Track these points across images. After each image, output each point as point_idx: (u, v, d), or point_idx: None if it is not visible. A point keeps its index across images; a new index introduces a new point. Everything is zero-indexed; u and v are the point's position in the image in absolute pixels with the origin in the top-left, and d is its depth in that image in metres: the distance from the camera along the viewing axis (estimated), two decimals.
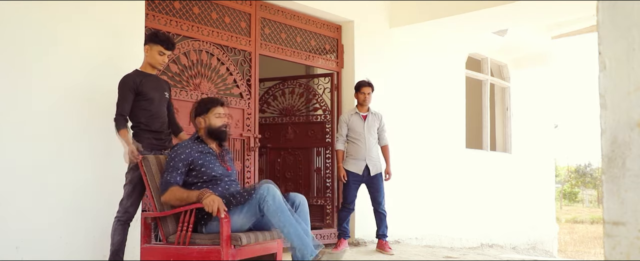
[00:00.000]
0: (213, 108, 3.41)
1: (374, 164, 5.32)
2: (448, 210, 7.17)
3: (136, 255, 3.86)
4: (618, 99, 1.11)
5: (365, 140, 5.32)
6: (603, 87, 1.13)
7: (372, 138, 5.36)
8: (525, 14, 6.16)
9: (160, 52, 3.62)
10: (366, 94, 5.35)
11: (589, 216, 21.05)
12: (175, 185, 3.22)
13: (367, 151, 5.31)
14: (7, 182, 3.53)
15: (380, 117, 5.47)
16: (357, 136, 5.33)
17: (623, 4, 1.12)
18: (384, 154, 5.45)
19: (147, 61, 3.65)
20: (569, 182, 30.75)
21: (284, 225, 3.06)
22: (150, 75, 3.65)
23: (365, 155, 5.30)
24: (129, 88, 3.52)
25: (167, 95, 3.74)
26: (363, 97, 5.35)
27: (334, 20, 5.98)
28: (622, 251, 1.09)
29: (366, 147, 5.31)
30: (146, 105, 3.57)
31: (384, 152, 5.45)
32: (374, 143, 5.38)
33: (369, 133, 5.34)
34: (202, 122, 3.41)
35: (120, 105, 3.51)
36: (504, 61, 8.73)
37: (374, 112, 5.44)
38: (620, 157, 1.10)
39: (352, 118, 5.39)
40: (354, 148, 5.35)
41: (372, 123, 5.40)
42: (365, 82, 5.38)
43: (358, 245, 5.74)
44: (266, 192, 3.08)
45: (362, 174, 5.29)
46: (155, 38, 3.62)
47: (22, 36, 3.65)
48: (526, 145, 8.98)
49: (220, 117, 3.42)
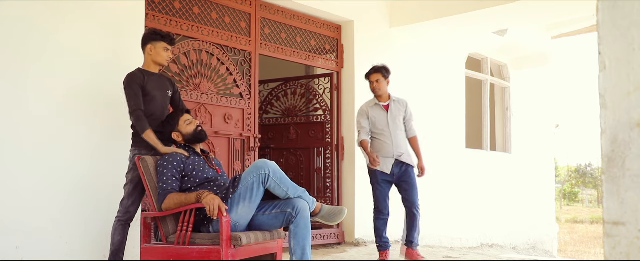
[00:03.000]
0: (180, 118, 3.53)
1: (404, 157, 4.60)
2: (448, 210, 7.16)
3: (136, 255, 3.86)
4: (618, 99, 1.11)
5: (391, 134, 4.59)
6: (603, 87, 1.13)
7: (399, 131, 4.62)
8: (525, 14, 6.16)
9: (165, 48, 3.62)
10: (375, 82, 4.63)
11: (589, 216, 21.05)
12: (172, 191, 3.23)
13: (395, 147, 4.56)
14: (7, 182, 3.53)
15: (406, 104, 4.73)
16: (380, 131, 4.61)
17: (623, 4, 1.12)
18: (414, 147, 4.71)
19: (151, 60, 3.63)
20: (569, 181, 30.75)
21: (288, 188, 3.25)
22: (153, 74, 3.64)
23: (393, 151, 4.56)
24: (137, 84, 3.50)
25: (170, 94, 3.73)
26: (372, 86, 4.65)
27: (334, 20, 5.98)
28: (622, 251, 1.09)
29: (393, 142, 4.57)
30: (148, 104, 3.56)
31: (412, 144, 4.70)
32: (402, 136, 4.63)
33: (394, 126, 4.61)
34: (178, 134, 3.51)
35: (134, 99, 3.47)
36: (504, 61, 8.73)
37: (397, 99, 4.71)
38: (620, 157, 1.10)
39: (372, 110, 4.67)
40: (379, 145, 4.61)
41: (397, 113, 4.65)
42: (373, 69, 4.67)
43: (358, 245, 5.73)
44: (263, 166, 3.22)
45: (391, 173, 4.57)
46: (156, 36, 3.62)
47: (21, 36, 3.65)
48: (526, 145, 8.98)
49: (190, 123, 3.53)
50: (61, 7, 3.83)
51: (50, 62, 3.77)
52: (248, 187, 3.19)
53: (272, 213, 3.27)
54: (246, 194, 3.19)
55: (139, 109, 3.46)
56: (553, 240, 9.65)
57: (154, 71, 3.65)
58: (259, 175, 3.19)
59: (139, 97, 3.48)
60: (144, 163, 3.35)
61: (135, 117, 3.45)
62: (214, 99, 4.79)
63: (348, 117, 5.94)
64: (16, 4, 3.61)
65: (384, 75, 4.64)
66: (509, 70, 8.82)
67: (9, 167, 3.55)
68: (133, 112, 3.46)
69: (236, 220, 3.18)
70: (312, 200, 3.32)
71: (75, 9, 3.90)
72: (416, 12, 6.28)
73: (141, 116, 3.45)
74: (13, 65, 3.60)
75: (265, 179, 3.19)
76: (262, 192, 3.22)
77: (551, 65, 9.73)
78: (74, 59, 3.88)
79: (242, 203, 3.20)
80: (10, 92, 3.58)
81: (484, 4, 5.74)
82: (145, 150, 3.50)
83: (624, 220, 1.09)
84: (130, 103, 3.48)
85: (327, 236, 5.67)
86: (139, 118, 3.44)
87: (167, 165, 3.29)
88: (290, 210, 3.20)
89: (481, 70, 8.31)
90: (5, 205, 3.51)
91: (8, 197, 3.53)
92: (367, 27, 6.14)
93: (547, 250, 9.18)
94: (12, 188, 3.56)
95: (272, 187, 3.22)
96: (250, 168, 3.26)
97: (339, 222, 3.44)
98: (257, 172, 3.20)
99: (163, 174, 3.26)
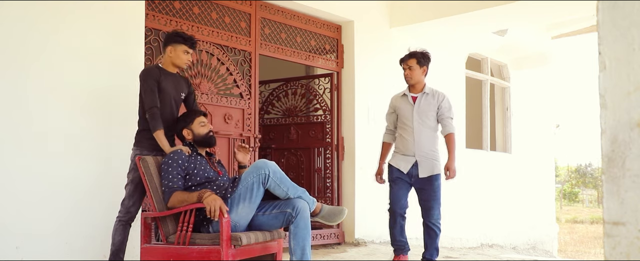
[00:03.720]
0: (196, 118, 3.52)
1: (425, 164, 4.06)
2: (448, 210, 7.13)
3: (136, 255, 3.86)
4: (618, 99, 1.11)
5: (414, 131, 4.08)
6: (603, 87, 1.13)
7: (425, 128, 4.08)
8: (525, 14, 6.16)
9: (185, 52, 3.59)
10: (407, 69, 4.12)
11: (589, 216, 21.05)
12: (178, 189, 3.24)
13: (416, 145, 4.06)
14: (6, 182, 3.53)
15: (441, 98, 4.11)
16: (404, 125, 4.14)
17: (623, 4, 1.12)
18: (447, 145, 4.11)
19: (170, 61, 3.60)
20: (569, 181, 30.75)
21: (288, 188, 3.25)
22: (170, 73, 3.62)
23: (414, 149, 4.07)
24: (154, 79, 3.46)
25: (184, 95, 3.71)
26: (405, 73, 4.14)
27: (334, 20, 5.98)
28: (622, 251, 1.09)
29: (415, 139, 4.07)
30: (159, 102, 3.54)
31: (446, 142, 4.12)
32: (428, 134, 4.08)
33: (419, 121, 4.09)
34: (189, 132, 3.50)
35: (150, 96, 3.43)
36: (504, 61, 8.73)
37: (432, 91, 4.14)
38: (620, 157, 1.10)
39: (399, 101, 4.20)
40: (401, 141, 4.16)
41: (426, 107, 4.09)
42: (409, 53, 4.15)
43: (358, 245, 5.73)
44: (263, 166, 3.23)
45: (409, 174, 4.09)
46: (178, 38, 3.59)
47: (21, 36, 3.65)
48: (526, 145, 8.98)
49: (205, 125, 3.53)
50: (61, 7, 3.83)
51: (50, 62, 3.77)
52: (248, 187, 3.20)
53: (272, 213, 3.27)
54: (246, 194, 3.20)
55: (156, 106, 3.43)
56: (553, 240, 9.65)
57: (171, 71, 3.64)
58: (259, 176, 3.19)
59: (155, 93, 3.45)
60: (144, 163, 3.35)
61: (150, 115, 3.42)
62: (214, 99, 4.79)
63: (348, 117, 5.94)
64: (16, 4, 3.61)
65: (420, 62, 4.09)
66: (509, 70, 8.82)
67: (9, 167, 3.55)
68: (149, 109, 3.42)
69: (236, 220, 3.19)
70: (312, 200, 3.33)
71: (75, 9, 3.90)
72: (416, 12, 6.29)
73: (157, 114, 3.42)
74: (13, 65, 3.60)
75: (265, 179, 3.20)
76: (262, 192, 3.22)
77: (551, 65, 9.72)
78: (74, 59, 3.88)
79: (242, 204, 3.20)
80: (10, 92, 3.58)
81: (484, 4, 5.74)
82: (147, 150, 3.49)
83: (624, 220, 1.09)
84: (146, 99, 3.44)
85: (327, 236, 5.67)
86: (154, 116, 3.42)
87: (172, 163, 3.29)
88: (290, 210, 3.21)
89: (481, 70, 8.31)
90: (5, 205, 3.51)
91: (8, 197, 3.53)
92: (367, 27, 6.14)
93: (547, 250, 9.18)
94: (12, 188, 3.56)
95: (272, 187, 3.22)
96: (250, 168, 3.26)
97: (339, 222, 3.44)
98: (257, 172, 3.20)
99: (168, 172, 3.27)
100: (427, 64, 4.14)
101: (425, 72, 4.16)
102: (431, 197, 4.06)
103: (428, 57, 4.15)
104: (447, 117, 4.10)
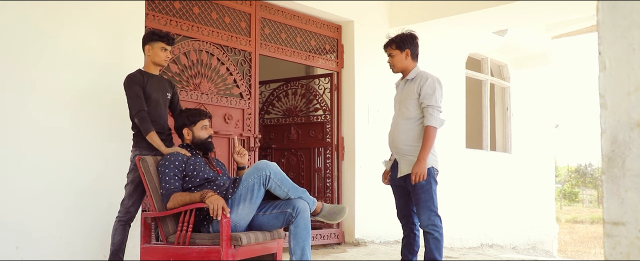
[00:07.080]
0: (200, 120, 3.51)
1: (402, 161, 3.51)
2: (448, 210, 7.14)
3: (136, 255, 3.86)
4: (618, 99, 1.11)
5: (393, 122, 3.63)
6: (603, 87, 1.13)
7: (401, 119, 3.53)
8: (525, 14, 6.16)
9: (162, 48, 3.61)
10: (389, 57, 3.68)
11: (589, 216, 21.05)
12: (176, 191, 3.24)
13: (391, 140, 3.58)
14: (7, 182, 3.53)
15: (423, 82, 3.51)
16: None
17: (623, 4, 1.12)
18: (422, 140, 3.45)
19: (150, 61, 3.62)
20: (569, 181, 30.74)
21: (289, 189, 3.25)
22: (153, 75, 3.63)
23: (391, 143, 3.60)
24: (137, 84, 3.49)
25: (169, 96, 3.72)
26: (388, 61, 3.71)
27: (334, 20, 5.98)
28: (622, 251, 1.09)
29: (391, 132, 3.60)
30: (147, 106, 3.56)
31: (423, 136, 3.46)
32: (404, 126, 3.51)
33: (398, 111, 3.60)
34: (189, 133, 3.50)
35: (136, 101, 3.46)
36: (504, 61, 8.73)
37: (420, 74, 3.59)
38: (620, 157, 1.10)
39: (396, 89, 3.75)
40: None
41: (406, 95, 3.54)
42: (387, 41, 3.71)
43: (358, 245, 5.73)
44: (264, 167, 3.22)
45: (393, 175, 3.63)
46: (154, 36, 3.61)
47: (21, 36, 3.65)
48: (526, 145, 8.98)
49: (206, 129, 3.52)
50: (61, 7, 3.83)
51: (50, 64, 3.77)
52: (249, 188, 3.19)
53: (272, 213, 3.27)
54: (247, 195, 3.19)
55: (143, 110, 3.45)
56: (553, 240, 9.65)
57: (153, 72, 3.64)
58: (260, 177, 3.19)
59: (141, 97, 3.48)
60: (144, 164, 3.35)
61: (139, 119, 3.44)
62: (214, 99, 4.79)
63: (348, 117, 5.94)
64: (16, 4, 3.61)
65: (400, 47, 3.61)
66: (509, 70, 8.82)
67: (10, 167, 3.56)
68: (137, 114, 3.45)
69: (236, 220, 3.19)
70: (313, 200, 3.33)
71: (74, 10, 3.90)
72: (416, 12, 6.28)
73: (145, 117, 3.44)
74: (14, 67, 3.60)
75: (266, 180, 3.20)
76: (262, 193, 3.22)
77: (551, 65, 9.72)
78: (74, 60, 3.88)
79: (242, 204, 3.20)
80: (10, 92, 3.58)
81: (484, 4, 5.74)
82: (146, 150, 3.50)
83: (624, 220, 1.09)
84: (133, 105, 3.47)
85: (327, 236, 5.67)
86: (143, 119, 3.44)
87: (169, 164, 3.29)
88: (290, 210, 3.21)
89: (481, 70, 8.31)
90: (5, 205, 3.51)
91: (8, 197, 3.53)
92: (367, 27, 6.14)
93: (547, 250, 9.18)
94: (12, 188, 3.56)
95: (273, 188, 3.22)
96: (251, 169, 3.26)
97: (340, 220, 3.43)
98: (258, 173, 3.20)
99: (165, 174, 3.27)
100: (408, 46, 3.63)
101: (409, 54, 3.64)
102: (416, 200, 3.47)
103: (407, 38, 3.63)
104: (426, 105, 3.45)
